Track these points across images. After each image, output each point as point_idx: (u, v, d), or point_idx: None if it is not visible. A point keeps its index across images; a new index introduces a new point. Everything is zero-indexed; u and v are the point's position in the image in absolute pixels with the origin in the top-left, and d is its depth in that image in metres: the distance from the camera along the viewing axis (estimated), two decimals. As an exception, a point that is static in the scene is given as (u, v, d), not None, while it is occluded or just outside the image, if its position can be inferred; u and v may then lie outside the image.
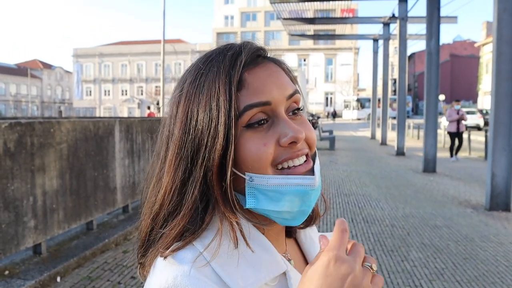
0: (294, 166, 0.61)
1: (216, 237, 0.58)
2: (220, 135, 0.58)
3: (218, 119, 0.58)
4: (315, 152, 0.65)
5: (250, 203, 0.60)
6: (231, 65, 0.60)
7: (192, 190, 0.60)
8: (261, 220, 0.62)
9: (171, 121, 0.64)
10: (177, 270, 0.55)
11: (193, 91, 0.61)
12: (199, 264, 0.56)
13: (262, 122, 0.60)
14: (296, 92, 0.64)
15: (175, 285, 0.54)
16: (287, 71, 0.67)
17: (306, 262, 0.73)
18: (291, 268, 0.64)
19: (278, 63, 0.66)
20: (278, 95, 0.61)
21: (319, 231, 0.78)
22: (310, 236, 0.76)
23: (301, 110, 0.65)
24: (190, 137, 0.60)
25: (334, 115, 45.06)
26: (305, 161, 0.62)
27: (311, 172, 0.62)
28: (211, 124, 0.59)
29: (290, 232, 0.73)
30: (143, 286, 0.60)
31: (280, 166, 0.61)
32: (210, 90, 0.59)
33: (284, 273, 0.62)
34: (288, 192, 0.59)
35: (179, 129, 0.61)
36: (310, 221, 0.73)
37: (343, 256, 0.52)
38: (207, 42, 58.94)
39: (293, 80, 0.68)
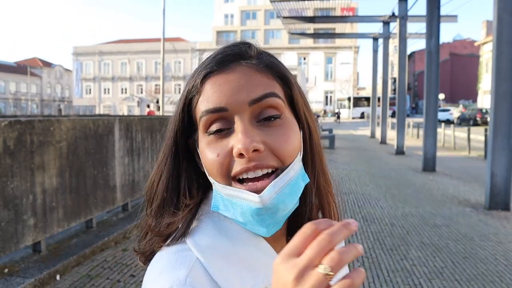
0: (248, 178, 0.57)
1: (211, 241, 0.58)
2: (172, 140, 0.64)
3: (174, 123, 0.64)
4: (288, 165, 0.58)
5: (214, 207, 0.61)
6: (200, 71, 0.61)
7: (167, 184, 0.64)
8: None
9: None
10: (172, 278, 0.54)
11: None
12: (196, 271, 0.55)
13: (221, 130, 0.58)
14: (268, 95, 0.58)
15: None
16: (274, 73, 0.61)
17: None
18: None
19: (256, 67, 0.60)
20: (236, 101, 0.57)
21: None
22: None
23: (278, 117, 0.59)
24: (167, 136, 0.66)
25: (339, 115, 40.91)
26: (265, 174, 0.56)
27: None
28: (172, 126, 0.65)
29: (293, 234, 0.70)
30: (142, 284, 0.60)
31: (238, 177, 0.57)
32: (181, 96, 0.65)
33: None
34: (238, 205, 0.57)
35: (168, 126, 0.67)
36: None
37: (282, 262, 0.44)
38: (207, 41, 58.89)
39: (289, 82, 0.63)
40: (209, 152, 0.59)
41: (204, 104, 0.59)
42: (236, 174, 0.57)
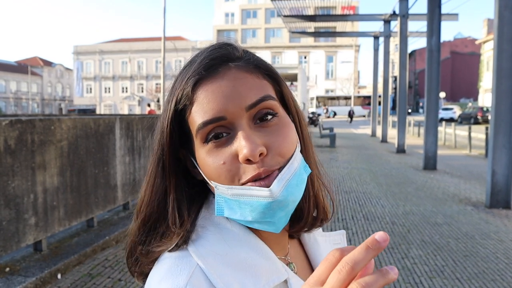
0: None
1: (212, 246, 0.58)
2: (158, 155, 0.61)
3: (161, 136, 0.61)
4: (288, 160, 0.58)
5: (218, 211, 0.59)
6: (188, 79, 0.58)
7: (153, 204, 0.62)
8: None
9: None
10: (172, 286, 0.53)
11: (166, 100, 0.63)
12: (196, 277, 0.54)
13: (221, 135, 0.57)
14: (264, 99, 0.58)
15: None
16: (262, 72, 0.61)
17: (310, 264, 0.71)
18: (293, 275, 0.61)
19: (246, 68, 0.60)
20: (233, 108, 0.56)
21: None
22: (315, 237, 0.73)
23: (274, 115, 0.59)
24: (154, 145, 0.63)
25: (352, 115, 39.13)
26: (269, 175, 0.56)
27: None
28: (159, 139, 0.61)
29: (293, 234, 0.70)
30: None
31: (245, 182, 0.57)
32: (167, 105, 0.61)
33: (285, 281, 0.60)
34: (247, 204, 0.55)
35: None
36: (315, 223, 0.68)
37: None
38: (208, 39, 58.78)
39: (277, 79, 0.63)
40: (212, 160, 0.57)
41: (200, 115, 0.57)
42: (248, 181, 0.56)
